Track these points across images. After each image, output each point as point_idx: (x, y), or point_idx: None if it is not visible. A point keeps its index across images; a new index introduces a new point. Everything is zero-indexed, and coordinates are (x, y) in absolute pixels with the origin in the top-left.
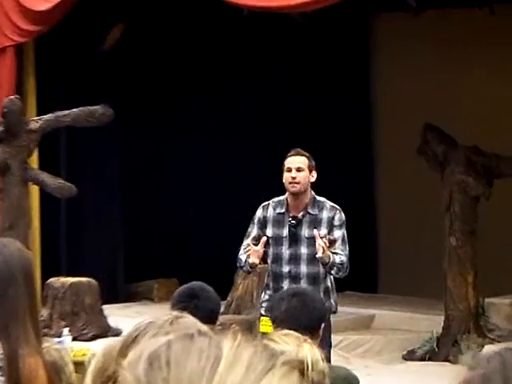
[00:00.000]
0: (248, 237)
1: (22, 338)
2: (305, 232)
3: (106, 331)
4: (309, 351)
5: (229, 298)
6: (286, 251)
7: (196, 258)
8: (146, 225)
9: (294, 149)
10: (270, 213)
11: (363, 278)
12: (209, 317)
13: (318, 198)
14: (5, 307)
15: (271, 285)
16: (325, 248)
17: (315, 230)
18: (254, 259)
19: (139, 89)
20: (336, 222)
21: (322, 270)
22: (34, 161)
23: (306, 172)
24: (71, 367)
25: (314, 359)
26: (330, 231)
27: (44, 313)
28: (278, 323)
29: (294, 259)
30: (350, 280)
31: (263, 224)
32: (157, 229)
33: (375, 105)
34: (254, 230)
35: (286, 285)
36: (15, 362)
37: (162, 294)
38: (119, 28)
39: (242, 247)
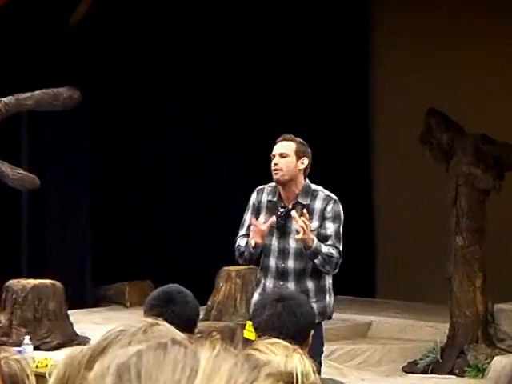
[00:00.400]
0: (243, 225)
1: None
2: (295, 224)
3: (71, 339)
4: (299, 362)
5: (209, 303)
6: (275, 243)
7: (172, 259)
8: (116, 222)
9: (284, 134)
10: (264, 198)
11: (359, 280)
12: (186, 324)
13: (314, 186)
14: None
15: (261, 282)
16: (305, 229)
17: (293, 212)
18: (258, 238)
19: (109, 68)
20: (329, 214)
21: (309, 266)
22: None
23: (292, 158)
24: (33, 380)
25: (305, 371)
26: (323, 224)
27: (2, 319)
28: (262, 331)
29: (282, 253)
30: (345, 283)
31: (257, 210)
32: (128, 226)
33: (374, 91)
34: (248, 217)
35: (269, 281)
36: None
37: (135, 298)
38: (87, 1)
39: (238, 237)
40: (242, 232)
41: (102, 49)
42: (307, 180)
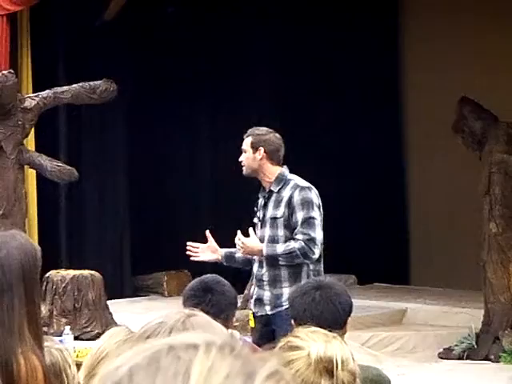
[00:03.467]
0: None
1: (17, 340)
2: (269, 212)
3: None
4: (338, 349)
5: (246, 292)
6: (258, 232)
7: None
8: (154, 212)
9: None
10: (259, 197)
11: (394, 268)
12: (224, 313)
13: (290, 176)
14: None
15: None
16: (242, 246)
17: (238, 232)
18: (210, 256)
19: (144, 62)
20: (295, 202)
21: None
22: (31, 142)
23: (249, 152)
24: (74, 369)
25: (345, 358)
26: (291, 212)
27: (43, 309)
28: (300, 319)
29: (261, 241)
30: (380, 271)
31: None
32: (166, 217)
33: (406, 76)
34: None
35: (254, 270)
36: (9, 365)
37: (173, 288)
38: None
39: None
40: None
41: (136, 42)
42: (283, 168)
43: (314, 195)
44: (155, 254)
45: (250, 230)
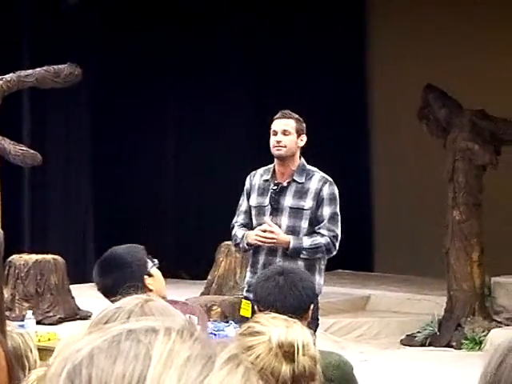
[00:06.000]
0: (238, 210)
1: None
2: (288, 201)
3: (74, 313)
4: (299, 334)
5: (209, 277)
6: (267, 220)
7: (172, 233)
8: (117, 195)
9: (282, 111)
10: (256, 181)
11: (357, 254)
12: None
13: (309, 166)
14: None
15: (250, 260)
16: (262, 240)
17: (266, 218)
18: (253, 240)
19: (110, 46)
20: (325, 196)
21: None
22: None
23: (294, 136)
24: (36, 353)
25: (305, 342)
26: (319, 206)
27: (5, 294)
28: (264, 303)
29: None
30: (343, 257)
31: (248, 194)
32: (129, 199)
33: (372, 65)
34: (243, 203)
35: (261, 258)
36: None
37: None
38: None
39: (235, 223)
40: (239, 219)
41: (102, 26)
42: (302, 158)
43: (337, 190)
44: (119, 239)
45: (267, 218)
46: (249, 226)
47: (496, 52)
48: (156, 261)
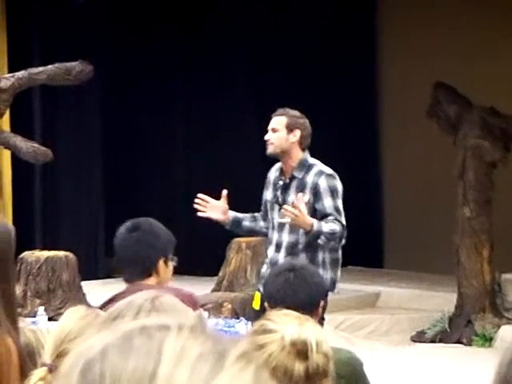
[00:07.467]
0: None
1: None
2: (292, 198)
3: None
4: (312, 331)
5: (220, 274)
6: (275, 217)
7: (184, 229)
8: (129, 193)
9: (279, 109)
10: (272, 176)
11: (367, 251)
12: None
13: (312, 161)
14: None
15: (266, 252)
16: (292, 214)
17: (300, 194)
18: (214, 215)
19: (121, 43)
20: (322, 189)
21: (303, 239)
22: (6, 123)
23: (282, 132)
24: None
25: (319, 340)
26: (318, 199)
27: (17, 290)
28: (274, 300)
29: (280, 226)
30: (353, 253)
31: (266, 187)
32: (141, 197)
33: (381, 63)
34: (262, 197)
35: (270, 253)
36: None
37: None
38: None
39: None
40: (262, 212)
41: (113, 23)
42: (306, 153)
43: (339, 183)
44: None
45: (300, 195)
46: (265, 219)
47: (507, 49)
48: (176, 258)
